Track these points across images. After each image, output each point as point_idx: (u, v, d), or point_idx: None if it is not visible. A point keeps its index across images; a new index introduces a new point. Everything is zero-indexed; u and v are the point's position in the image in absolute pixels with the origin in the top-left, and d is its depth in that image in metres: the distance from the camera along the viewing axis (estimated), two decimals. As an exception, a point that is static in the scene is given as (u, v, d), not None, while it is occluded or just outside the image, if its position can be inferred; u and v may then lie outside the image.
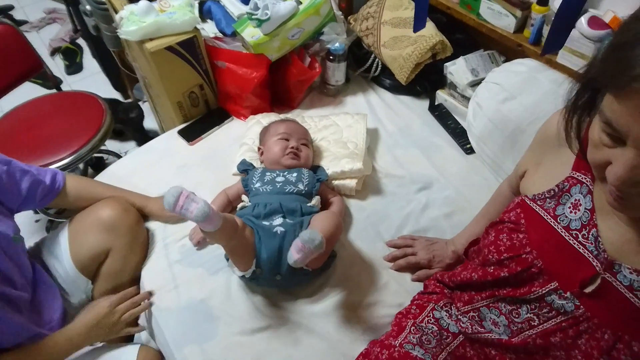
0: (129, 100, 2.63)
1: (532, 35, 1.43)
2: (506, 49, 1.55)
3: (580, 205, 0.79)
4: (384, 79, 1.74)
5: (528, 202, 0.87)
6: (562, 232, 0.79)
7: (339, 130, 1.51)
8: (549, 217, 0.82)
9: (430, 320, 1.03)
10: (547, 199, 0.84)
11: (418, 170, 1.48)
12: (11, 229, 1.11)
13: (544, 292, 0.81)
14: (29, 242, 1.33)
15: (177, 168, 1.51)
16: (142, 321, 1.29)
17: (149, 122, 2.53)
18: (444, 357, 0.97)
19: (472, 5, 1.56)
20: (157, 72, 1.50)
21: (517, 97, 1.36)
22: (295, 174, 1.29)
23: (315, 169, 1.38)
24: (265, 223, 1.15)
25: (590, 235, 0.76)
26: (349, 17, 1.78)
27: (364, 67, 1.77)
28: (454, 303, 1.03)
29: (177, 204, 0.91)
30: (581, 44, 1.28)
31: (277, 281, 1.15)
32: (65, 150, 1.77)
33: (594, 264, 0.75)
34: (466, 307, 0.98)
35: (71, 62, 3.08)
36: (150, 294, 1.24)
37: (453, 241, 1.25)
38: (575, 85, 0.70)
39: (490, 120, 1.40)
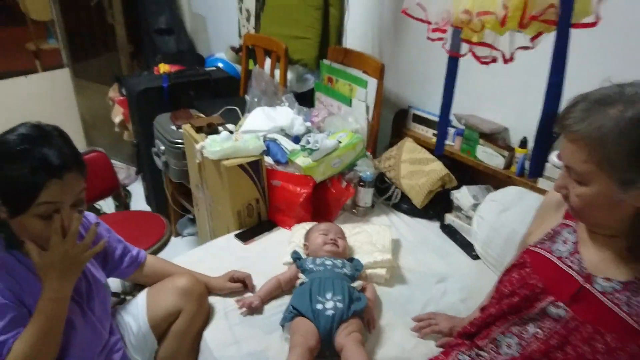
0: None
1: (518, 169, 1.90)
2: (499, 182, 2.00)
3: (569, 240, 1.12)
4: (403, 204, 2.16)
5: (531, 248, 1.19)
6: (556, 260, 1.11)
7: (368, 235, 1.86)
8: (546, 252, 1.14)
9: (456, 361, 1.25)
10: (545, 241, 1.16)
11: (435, 268, 1.80)
12: (103, 277, 1.40)
13: (544, 305, 1.08)
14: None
15: (235, 259, 1.82)
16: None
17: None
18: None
19: (470, 150, 2.06)
20: (228, 184, 1.92)
21: (511, 209, 1.75)
22: (339, 261, 1.61)
23: (351, 260, 1.69)
24: (319, 306, 1.41)
25: (575, 259, 1.08)
26: (373, 159, 2.28)
27: (386, 196, 2.20)
28: (474, 345, 1.26)
29: None
30: (554, 172, 1.72)
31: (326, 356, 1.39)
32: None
33: (577, 278, 1.05)
34: (484, 341, 1.21)
35: (120, 203, 3.55)
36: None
37: (470, 317, 1.50)
38: None
39: (492, 227, 1.77)
